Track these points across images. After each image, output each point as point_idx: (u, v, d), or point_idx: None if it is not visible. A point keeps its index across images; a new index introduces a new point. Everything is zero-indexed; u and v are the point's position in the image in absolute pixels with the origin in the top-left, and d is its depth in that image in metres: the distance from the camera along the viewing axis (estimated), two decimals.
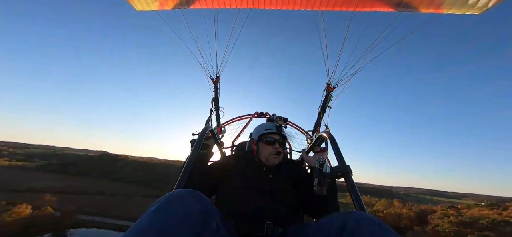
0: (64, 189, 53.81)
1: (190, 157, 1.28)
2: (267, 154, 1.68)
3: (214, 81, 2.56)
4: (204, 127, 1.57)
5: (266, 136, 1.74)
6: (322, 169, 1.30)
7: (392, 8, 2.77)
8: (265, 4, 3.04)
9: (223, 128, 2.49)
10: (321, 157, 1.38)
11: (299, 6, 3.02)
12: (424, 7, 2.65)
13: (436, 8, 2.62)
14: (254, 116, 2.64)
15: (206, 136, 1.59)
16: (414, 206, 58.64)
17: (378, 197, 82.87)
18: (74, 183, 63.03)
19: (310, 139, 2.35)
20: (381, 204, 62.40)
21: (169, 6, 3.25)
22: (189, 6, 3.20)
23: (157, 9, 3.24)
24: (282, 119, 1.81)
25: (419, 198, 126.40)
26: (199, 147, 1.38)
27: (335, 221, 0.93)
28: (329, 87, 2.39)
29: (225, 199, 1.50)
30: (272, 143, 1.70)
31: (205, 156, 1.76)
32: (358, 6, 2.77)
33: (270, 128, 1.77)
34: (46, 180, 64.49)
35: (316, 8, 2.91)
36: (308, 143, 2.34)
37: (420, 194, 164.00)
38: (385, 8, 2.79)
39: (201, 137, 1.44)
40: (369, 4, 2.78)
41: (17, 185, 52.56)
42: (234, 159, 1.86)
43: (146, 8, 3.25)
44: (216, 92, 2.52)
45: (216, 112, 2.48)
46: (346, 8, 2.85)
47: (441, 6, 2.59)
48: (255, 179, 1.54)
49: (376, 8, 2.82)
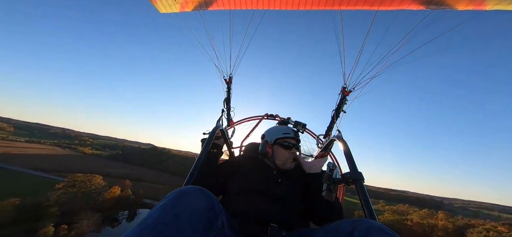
0: (129, 176, 64.39)
1: (200, 155, 1.31)
2: (284, 159, 1.66)
3: (227, 82, 2.60)
4: (214, 127, 1.60)
5: (283, 140, 1.72)
6: (332, 175, 1.25)
7: (423, 6, 2.50)
8: (281, 4, 2.99)
9: (233, 128, 2.52)
10: (331, 163, 1.32)
11: (317, 6, 2.91)
12: (463, 4, 2.33)
13: (477, 5, 2.29)
14: (264, 117, 2.61)
15: (216, 135, 1.61)
16: (461, 220, 53.99)
17: (419, 207, 78.16)
18: (134, 171, 76.90)
19: (322, 143, 2.24)
20: (418, 214, 58.66)
21: (189, 8, 3.40)
22: (207, 7, 3.31)
23: (178, 11, 3.42)
24: (301, 125, 1.80)
25: (480, 213, 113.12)
26: (209, 146, 1.40)
27: (342, 228, 0.89)
28: (345, 90, 2.26)
29: (231, 199, 1.51)
30: (289, 148, 1.68)
31: (215, 155, 1.80)
32: (383, 4, 2.56)
33: (288, 132, 1.75)
34: (117, 168, 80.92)
35: (335, 7, 2.77)
36: (319, 148, 2.24)
37: (484, 209, 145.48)
38: (414, 6, 2.53)
39: (211, 136, 1.47)
40: (396, 2, 2.55)
41: (100, 170, 65.04)
42: (243, 159, 1.85)
43: (168, 10, 3.45)
44: (229, 93, 2.56)
45: (227, 112, 2.52)
46: (368, 7, 2.65)
47: (484, 1, 2.26)
48: (264, 182, 1.52)
49: (404, 6, 2.57)
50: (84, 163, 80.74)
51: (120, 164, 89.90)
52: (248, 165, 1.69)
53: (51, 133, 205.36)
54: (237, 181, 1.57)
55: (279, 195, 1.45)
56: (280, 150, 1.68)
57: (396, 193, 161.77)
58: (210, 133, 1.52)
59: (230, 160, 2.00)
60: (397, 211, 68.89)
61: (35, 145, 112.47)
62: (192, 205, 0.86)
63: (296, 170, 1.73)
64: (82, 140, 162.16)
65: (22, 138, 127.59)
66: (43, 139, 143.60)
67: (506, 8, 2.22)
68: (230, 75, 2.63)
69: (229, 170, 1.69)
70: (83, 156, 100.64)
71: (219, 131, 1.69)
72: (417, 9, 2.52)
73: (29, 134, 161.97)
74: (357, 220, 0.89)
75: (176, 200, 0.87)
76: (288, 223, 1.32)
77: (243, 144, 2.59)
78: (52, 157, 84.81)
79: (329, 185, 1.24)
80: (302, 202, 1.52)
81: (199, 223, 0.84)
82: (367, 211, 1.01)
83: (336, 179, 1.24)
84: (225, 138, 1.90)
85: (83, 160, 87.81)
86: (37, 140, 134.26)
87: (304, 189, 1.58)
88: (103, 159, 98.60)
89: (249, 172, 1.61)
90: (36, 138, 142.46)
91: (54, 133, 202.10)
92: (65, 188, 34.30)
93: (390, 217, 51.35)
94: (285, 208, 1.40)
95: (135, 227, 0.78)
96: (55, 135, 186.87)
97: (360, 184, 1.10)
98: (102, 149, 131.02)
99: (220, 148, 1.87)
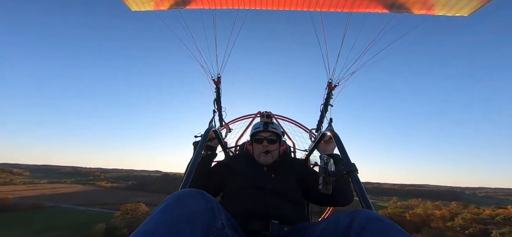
0: (152, 203, 66.78)
1: (194, 158, 1.27)
2: (257, 153, 1.68)
3: (215, 82, 2.52)
4: (207, 128, 1.56)
5: (255, 134, 1.74)
6: (327, 168, 1.29)
7: (386, 9, 2.88)
8: (262, 4, 3.05)
9: (227, 128, 2.45)
10: (325, 156, 1.38)
11: (297, 7, 3.07)
12: (417, 9, 2.77)
13: (428, 10, 2.75)
14: (256, 115, 2.62)
15: (209, 136, 1.57)
16: (466, 209, 55.33)
17: (433, 200, 77.62)
18: (155, 198, 75.69)
19: (314, 137, 2.35)
20: (425, 206, 58.27)
21: (165, 6, 3.18)
22: (185, 6, 3.15)
23: (152, 9, 3.17)
24: (264, 115, 1.74)
25: (506, 200, 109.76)
26: (202, 147, 1.37)
27: (342, 220, 0.91)
28: (330, 85, 2.42)
29: (229, 199, 1.49)
30: (260, 142, 1.68)
31: (209, 156, 1.76)
32: (354, 7, 2.85)
33: (258, 127, 1.76)
34: (138, 196, 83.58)
35: (314, 8, 2.96)
36: (312, 142, 2.34)
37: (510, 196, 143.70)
38: (379, 9, 2.89)
39: (204, 138, 1.44)
40: (365, 5, 2.87)
41: (128, 200, 70.10)
42: (236, 159, 1.85)
43: (141, 8, 3.17)
44: (218, 93, 2.49)
45: (218, 112, 2.44)
46: (341, 9, 2.92)
47: (432, 7, 2.72)
48: (256, 179, 1.53)
49: (371, 9, 2.91)
50: (110, 195, 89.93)
51: (139, 193, 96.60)
52: (241, 164, 1.69)
53: (63, 172, 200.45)
54: (233, 181, 1.56)
55: (275, 189, 1.47)
56: (255, 145, 1.71)
57: (413, 187, 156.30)
58: (202, 135, 1.49)
59: (225, 160, 1.97)
60: (403, 206, 68.74)
61: (58, 184, 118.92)
62: (191, 208, 0.85)
63: (290, 163, 1.78)
64: (94, 175, 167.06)
65: (42, 180, 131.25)
66: (62, 179, 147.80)
67: (448, 13, 2.73)
68: (218, 75, 2.56)
69: (224, 170, 1.67)
70: (105, 190, 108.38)
71: (212, 132, 1.66)
72: (382, 12, 2.88)
73: (44, 175, 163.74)
74: (355, 211, 0.92)
75: (174, 204, 0.85)
76: (288, 217, 1.35)
77: (237, 143, 2.54)
78: (83, 193, 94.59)
79: (325, 178, 1.27)
80: (299, 195, 1.56)
81: (198, 225, 0.83)
82: (363, 202, 1.05)
83: (331, 171, 1.27)
84: (218, 138, 1.86)
85: (108, 193, 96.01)
86: (57, 180, 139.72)
87: (301, 181, 1.62)
88: (123, 191, 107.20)
89: (243, 170, 1.62)
90: (54, 179, 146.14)
91: (66, 172, 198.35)
92: (123, 216, 46.01)
93: (390, 211, 52.41)
94: (283, 201, 1.42)
95: (134, 233, 0.75)
96: (68, 174, 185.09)
97: (354, 175, 1.14)
98: (117, 181, 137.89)
99: (214, 149, 1.84)
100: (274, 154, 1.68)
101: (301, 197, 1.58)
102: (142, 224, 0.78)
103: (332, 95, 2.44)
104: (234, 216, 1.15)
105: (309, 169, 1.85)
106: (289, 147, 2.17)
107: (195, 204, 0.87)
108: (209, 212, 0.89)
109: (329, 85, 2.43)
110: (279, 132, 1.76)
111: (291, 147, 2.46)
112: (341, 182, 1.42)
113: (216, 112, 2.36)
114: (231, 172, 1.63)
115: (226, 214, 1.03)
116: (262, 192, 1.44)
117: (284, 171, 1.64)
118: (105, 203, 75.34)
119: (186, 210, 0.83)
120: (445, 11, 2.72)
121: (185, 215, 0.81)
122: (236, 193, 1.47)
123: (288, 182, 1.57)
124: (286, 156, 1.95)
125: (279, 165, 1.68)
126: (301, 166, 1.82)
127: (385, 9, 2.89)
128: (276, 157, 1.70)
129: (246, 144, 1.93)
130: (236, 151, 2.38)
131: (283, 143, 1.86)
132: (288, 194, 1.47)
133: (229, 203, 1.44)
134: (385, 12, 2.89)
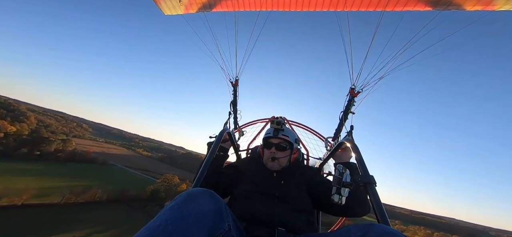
0: (181, 177, 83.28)
1: (208, 158, 1.31)
2: (266, 159, 1.67)
3: (233, 84, 2.58)
4: (221, 129, 1.59)
5: (265, 140, 1.72)
6: (342, 178, 1.21)
7: (430, 7, 2.49)
8: (284, 6, 2.98)
9: (241, 130, 2.49)
10: (341, 166, 1.29)
11: (322, 7, 2.90)
12: (470, 4, 2.32)
13: (485, 5, 2.28)
14: (270, 120, 2.58)
15: (223, 138, 1.61)
16: None
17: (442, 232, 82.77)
18: (181, 173, 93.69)
19: (330, 146, 2.21)
20: (425, 233, 62.03)
21: (194, 10, 3.39)
22: (212, 9, 3.30)
23: (183, 13, 3.41)
24: (275, 122, 1.70)
25: None
26: (216, 148, 1.41)
27: (353, 233, 0.88)
28: (353, 91, 2.23)
29: (237, 202, 1.50)
30: (269, 147, 1.67)
31: (221, 158, 1.81)
32: (389, 5, 2.55)
33: (269, 132, 1.75)
34: (168, 170, 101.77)
35: (341, 9, 2.76)
36: (328, 151, 2.20)
37: None
38: (421, 6, 2.52)
39: (218, 139, 1.47)
40: (402, 3, 2.54)
41: (160, 170, 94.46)
42: (247, 162, 1.86)
43: (173, 12, 3.44)
44: (235, 95, 2.54)
45: (234, 115, 2.49)
46: (374, 8, 2.64)
47: (492, 2, 2.24)
48: (265, 184, 1.52)
49: (410, 7, 2.56)
50: (148, 163, 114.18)
51: (168, 166, 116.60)
52: (252, 168, 1.69)
53: (113, 134, 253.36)
54: (242, 184, 1.56)
55: (283, 196, 1.43)
56: (264, 151, 1.70)
57: (422, 216, 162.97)
58: (217, 136, 1.52)
59: (235, 163, 1.99)
60: (408, 230, 74.01)
61: (111, 145, 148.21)
62: (199, 207, 0.88)
63: (301, 170, 1.71)
64: (135, 141, 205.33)
65: (100, 138, 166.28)
66: (113, 140, 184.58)
67: None
68: (236, 78, 2.61)
69: (234, 173, 1.69)
70: (143, 157, 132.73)
71: (226, 134, 1.69)
72: (424, 9, 2.51)
73: (100, 134, 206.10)
74: (368, 225, 0.86)
75: (184, 202, 0.89)
76: (295, 225, 1.30)
77: (249, 147, 2.56)
78: (128, 157, 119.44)
79: (339, 189, 1.21)
80: (308, 204, 1.50)
81: (206, 225, 0.86)
82: (379, 215, 0.97)
83: (346, 182, 1.20)
84: (232, 141, 1.89)
85: (146, 161, 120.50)
86: (111, 141, 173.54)
87: (310, 190, 1.56)
88: (156, 161, 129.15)
89: (253, 175, 1.61)
90: (109, 139, 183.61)
91: (114, 134, 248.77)
92: (162, 183, 64.92)
93: None
94: (291, 209, 1.38)
95: (144, 229, 0.80)
96: (116, 136, 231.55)
97: (371, 188, 1.07)
98: (151, 151, 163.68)
99: (227, 151, 1.88)
100: (282, 161, 1.64)
101: (311, 206, 1.52)
102: (151, 220, 0.84)
103: (354, 103, 2.25)
104: (240, 220, 1.18)
105: (321, 178, 1.77)
106: (302, 155, 2.09)
107: (205, 204, 0.91)
108: (217, 213, 0.93)
109: (351, 91, 2.24)
110: (291, 139, 1.71)
111: (305, 155, 2.36)
112: (357, 194, 1.34)
113: (231, 114, 2.41)
114: (240, 175, 1.65)
115: (233, 216, 1.05)
116: (270, 199, 1.43)
117: (294, 179, 1.59)
118: (145, 169, 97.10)
119: (195, 209, 0.87)
120: (510, 6, 2.21)
121: (194, 214, 0.86)
122: (243, 197, 1.48)
123: (297, 190, 1.53)
124: (298, 163, 1.88)
125: (289, 172, 1.64)
126: (313, 174, 1.76)
127: (428, 6, 2.50)
128: (284, 164, 1.66)
129: (259, 148, 1.93)
130: (248, 155, 2.40)
131: (296, 151, 1.81)
132: (296, 202, 1.44)
133: (236, 206, 1.45)
134: (427, 10, 2.50)
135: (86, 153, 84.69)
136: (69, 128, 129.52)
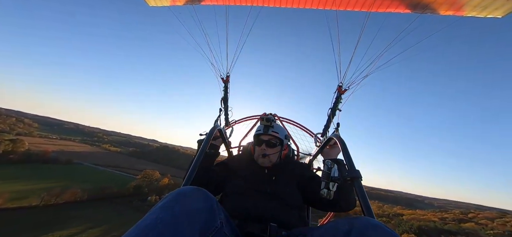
0: (158, 171, 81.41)
1: (198, 155, 1.29)
2: (256, 155, 1.71)
3: (224, 80, 2.55)
4: (212, 127, 1.57)
5: (256, 137, 1.76)
6: (330, 173, 1.25)
7: (409, 10, 2.67)
8: (275, 2, 2.99)
9: (232, 127, 2.50)
10: (329, 161, 1.34)
11: (312, 5, 2.96)
12: (444, 9, 2.54)
13: (456, 10, 2.51)
14: (261, 117, 2.62)
15: (214, 135, 1.58)
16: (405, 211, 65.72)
17: (385, 203, 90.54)
18: (155, 168, 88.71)
19: (319, 142, 2.32)
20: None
21: (181, 2, 3.25)
22: (200, 2, 3.19)
23: (169, 4, 3.26)
24: (264, 119, 1.72)
25: (432, 206, 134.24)
26: (206, 146, 1.38)
27: (341, 226, 0.90)
28: (340, 89, 2.35)
29: (229, 198, 1.51)
30: (259, 144, 1.71)
31: (212, 155, 1.77)
32: (374, 6, 2.69)
33: (259, 129, 1.78)
34: (142, 164, 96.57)
35: (330, 7, 2.84)
36: (317, 146, 2.31)
37: (451, 206, 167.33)
38: (402, 9, 2.70)
39: (209, 136, 1.45)
40: (385, 5, 2.69)
41: (134, 166, 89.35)
42: (238, 159, 1.86)
43: (158, 4, 3.27)
44: (226, 92, 2.52)
45: (225, 111, 2.48)
46: (360, 8, 2.77)
47: (462, 8, 2.48)
48: (256, 181, 1.54)
49: (393, 9, 2.73)
50: (120, 160, 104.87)
51: (144, 162, 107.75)
52: (243, 165, 1.70)
53: (66, 128, 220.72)
54: (233, 181, 1.58)
55: (275, 192, 1.47)
56: (255, 147, 1.74)
57: (376, 191, 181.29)
58: (208, 133, 1.49)
59: (227, 160, 1.98)
60: None
61: (69, 142, 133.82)
62: (191, 205, 0.87)
63: (292, 166, 1.76)
64: (97, 136, 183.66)
65: (53, 135, 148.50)
66: (70, 136, 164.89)
67: (480, 14, 2.47)
68: (227, 74, 2.59)
69: (225, 170, 1.70)
70: (110, 154, 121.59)
71: (217, 131, 1.67)
72: (405, 12, 2.69)
73: (51, 130, 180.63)
74: (354, 218, 0.91)
75: (175, 200, 0.87)
76: (287, 221, 1.35)
77: (241, 144, 2.59)
78: (94, 154, 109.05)
79: (327, 184, 1.24)
80: (299, 199, 1.55)
81: (197, 223, 0.85)
82: (365, 208, 1.02)
83: (334, 177, 1.23)
84: (223, 138, 1.88)
85: (116, 157, 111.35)
86: (67, 137, 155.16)
87: (301, 185, 1.61)
88: (126, 156, 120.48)
89: (245, 171, 1.63)
90: (64, 135, 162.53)
91: (70, 129, 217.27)
92: (143, 179, 65.12)
93: None
94: (282, 205, 1.42)
95: (134, 228, 0.77)
96: (72, 131, 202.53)
97: (358, 182, 1.11)
98: (119, 146, 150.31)
99: (218, 148, 1.85)
100: (272, 157, 1.68)
101: (301, 201, 1.57)
102: (141, 219, 0.81)
103: (341, 100, 2.37)
104: (232, 217, 1.17)
105: (311, 173, 1.82)
106: (292, 151, 2.16)
107: (196, 202, 0.89)
108: (209, 211, 0.91)
109: (339, 89, 2.35)
110: (281, 136, 1.75)
111: (295, 151, 2.45)
112: (344, 188, 1.40)
113: (222, 111, 2.40)
114: (232, 172, 1.65)
115: (226, 214, 1.04)
116: (262, 195, 1.45)
117: (285, 175, 1.63)
118: (118, 166, 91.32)
119: (186, 207, 0.85)
120: (477, 12, 2.46)
121: (185, 212, 0.83)
122: (235, 194, 1.49)
123: (288, 186, 1.56)
124: (288, 160, 1.93)
125: (280, 168, 1.68)
126: (303, 169, 1.80)
127: (408, 9, 2.68)
128: (275, 160, 1.70)
129: (250, 145, 1.95)
130: (239, 152, 2.42)
131: (286, 147, 1.85)
132: (287, 198, 1.47)
133: (228, 203, 1.46)
134: (407, 13, 2.69)
135: (44, 152, 78.83)
136: (8, 125, 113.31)
